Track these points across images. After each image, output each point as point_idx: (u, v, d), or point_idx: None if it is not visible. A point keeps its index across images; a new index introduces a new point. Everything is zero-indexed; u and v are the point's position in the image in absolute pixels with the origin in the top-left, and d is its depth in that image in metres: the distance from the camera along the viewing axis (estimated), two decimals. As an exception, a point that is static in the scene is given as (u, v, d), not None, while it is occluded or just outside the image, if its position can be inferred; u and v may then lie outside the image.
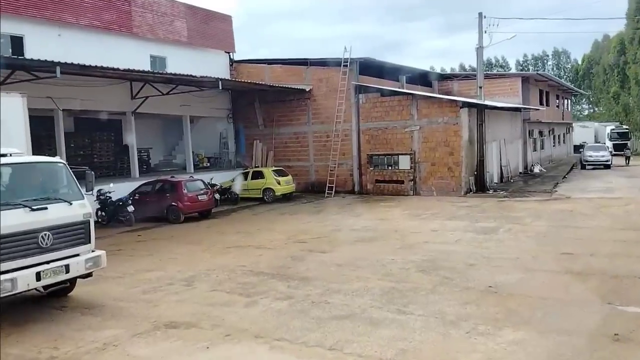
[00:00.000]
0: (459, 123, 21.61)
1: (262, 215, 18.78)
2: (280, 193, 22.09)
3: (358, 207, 19.79)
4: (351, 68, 23.84)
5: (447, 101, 22.03)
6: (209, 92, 24.69)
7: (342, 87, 23.83)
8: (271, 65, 26.16)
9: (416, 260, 10.72)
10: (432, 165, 22.31)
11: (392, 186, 23.14)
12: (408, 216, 16.91)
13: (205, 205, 17.93)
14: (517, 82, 30.83)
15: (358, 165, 24.13)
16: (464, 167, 21.68)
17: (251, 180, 22.55)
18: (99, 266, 8.77)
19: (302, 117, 25.48)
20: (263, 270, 10.47)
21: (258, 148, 26.45)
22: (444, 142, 22.00)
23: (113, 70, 16.59)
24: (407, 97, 22.91)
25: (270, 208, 20.51)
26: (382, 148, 23.44)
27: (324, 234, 14.36)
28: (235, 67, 27.03)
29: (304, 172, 25.66)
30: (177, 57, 24.13)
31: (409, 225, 15.19)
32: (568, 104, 51.79)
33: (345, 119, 24.06)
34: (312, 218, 17.47)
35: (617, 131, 51.40)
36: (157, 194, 17.93)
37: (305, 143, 25.58)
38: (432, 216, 16.63)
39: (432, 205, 19.13)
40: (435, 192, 22.18)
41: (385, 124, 23.30)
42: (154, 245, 13.96)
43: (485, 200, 19.91)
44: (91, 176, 9.30)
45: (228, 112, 27.05)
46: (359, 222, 16.13)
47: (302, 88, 24.71)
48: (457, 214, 16.91)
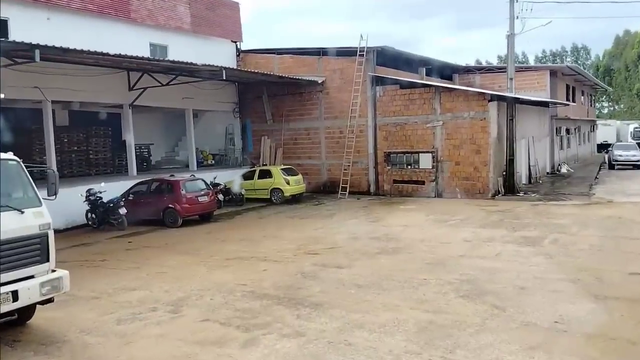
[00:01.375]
0: (487, 118, 19.60)
1: (269, 219, 16.93)
2: (289, 194, 20.23)
3: (375, 210, 17.87)
4: (367, 58, 21.89)
5: (473, 94, 20.02)
6: (213, 84, 22.90)
7: (358, 79, 21.90)
8: (281, 55, 24.27)
9: (453, 281, 8.80)
10: (456, 165, 20.32)
11: (412, 187, 21.19)
12: (433, 222, 14.97)
13: (206, 208, 16.12)
14: (544, 75, 28.68)
15: (374, 164, 22.20)
16: (492, 166, 19.67)
17: (258, 180, 20.70)
18: (59, 291, 6.97)
19: (314, 111, 23.59)
20: (267, 292, 8.61)
21: (266, 145, 24.61)
22: (469, 139, 20.00)
23: (102, 55, 14.81)
24: (429, 89, 20.93)
25: (278, 210, 18.65)
26: (401, 145, 21.49)
27: (339, 243, 12.47)
28: (243, 57, 25.18)
29: (315, 170, 23.79)
30: (180, 45, 22.31)
31: (436, 233, 13.25)
32: (592, 101, 49.40)
33: (360, 114, 22.14)
34: (324, 223, 15.59)
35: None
36: (152, 194, 16.15)
37: (316, 139, 23.69)
38: (461, 223, 14.68)
39: (458, 209, 17.16)
40: (459, 194, 20.20)
41: (405, 119, 21.34)
42: (144, 254, 12.15)
43: (517, 204, 17.89)
44: (54, 177, 7.47)
45: (234, 105, 25.22)
46: (378, 228, 14.23)
47: (314, 80, 22.82)
48: (489, 220, 14.93)
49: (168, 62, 16.83)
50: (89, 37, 17.97)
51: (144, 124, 24.77)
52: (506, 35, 19.88)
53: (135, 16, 20.86)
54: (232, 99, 25.13)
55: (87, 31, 18.77)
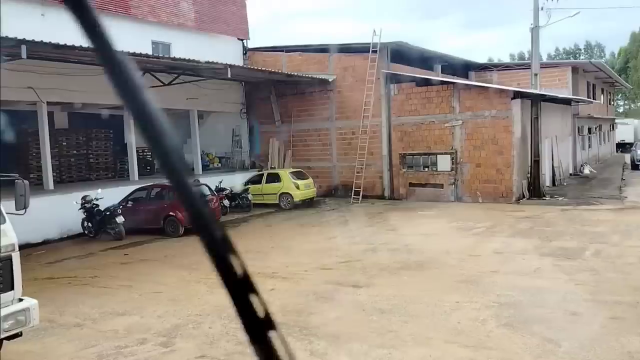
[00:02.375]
0: (510, 117, 18.30)
1: (277, 227, 15.76)
2: (299, 199, 19.05)
3: (392, 216, 16.64)
4: (381, 54, 20.66)
5: (495, 91, 18.74)
6: (219, 84, 21.80)
7: (371, 77, 20.68)
8: (289, 53, 23.11)
9: (491, 305, 7.56)
10: (477, 167, 19.03)
11: (429, 191, 19.92)
12: (457, 230, 13.71)
13: (209, 216, 14.96)
14: (566, 72, 27.27)
15: (389, 167, 20.97)
16: (516, 168, 18.36)
17: (266, 184, 19.54)
18: (26, 324, 5.82)
19: (325, 111, 22.41)
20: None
21: (274, 147, 23.46)
22: (491, 140, 18.71)
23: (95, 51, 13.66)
24: (448, 86, 19.66)
25: (287, 217, 17.47)
26: (417, 146, 20.24)
27: (355, 255, 11.26)
28: (249, 55, 24.06)
29: (326, 173, 22.59)
30: (183, 43, 21.21)
31: (462, 244, 11.99)
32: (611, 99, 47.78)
33: (373, 113, 20.91)
34: (338, 231, 14.38)
35: (660, 128, 47.36)
36: (152, 201, 15.05)
37: (327, 141, 22.51)
38: (487, 231, 13.41)
39: (482, 215, 15.89)
40: (480, 198, 18.91)
41: (421, 118, 20.09)
42: (140, 269, 11.01)
43: (545, 209, 16.58)
44: (23, 188, 6.32)
45: (241, 106, 24.10)
46: (397, 238, 13.00)
47: (325, 78, 21.64)
48: (518, 227, 13.65)
49: (169, 60, 15.74)
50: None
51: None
52: (530, 27, 18.57)
53: (136, 12, 19.81)
54: (239, 99, 24.01)
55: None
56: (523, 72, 27.78)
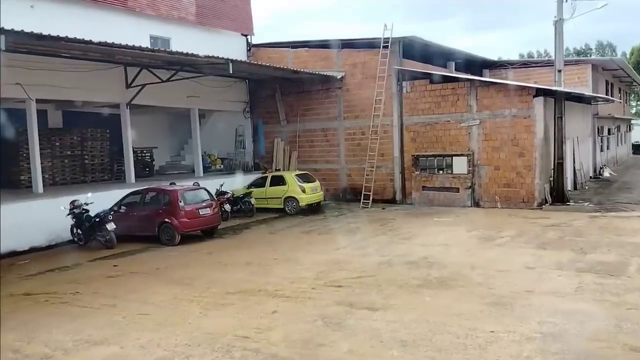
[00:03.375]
0: (532, 116, 17.05)
1: (281, 235, 14.60)
2: (305, 203, 17.87)
3: (406, 223, 15.44)
4: (392, 50, 19.47)
5: (515, 88, 17.48)
6: (221, 82, 20.71)
7: (382, 73, 19.49)
8: (295, 49, 21.95)
9: (534, 336, 6.37)
10: (496, 170, 17.79)
11: (444, 195, 18.69)
12: (479, 240, 12.49)
13: (208, 222, 13.83)
14: (586, 69, 25.96)
15: (400, 169, 19.76)
16: (538, 171, 17.11)
17: (270, 188, 18.37)
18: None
19: (332, 110, 21.23)
20: (277, 351, 6.26)
21: (279, 147, 22.32)
22: (511, 141, 17.47)
23: (84, 44, 12.61)
24: (464, 83, 18.43)
25: (292, 223, 16.30)
26: (431, 148, 19.02)
27: (368, 269, 10.08)
28: (254, 52, 22.92)
29: (333, 176, 21.42)
30: (183, 38, 20.09)
31: (487, 256, 10.78)
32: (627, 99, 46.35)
33: (384, 112, 19.73)
34: (347, 240, 13.20)
35: (677, 130, 45.89)
36: (147, 206, 13.91)
37: (335, 142, 21.33)
38: (512, 241, 12.18)
39: (503, 223, 14.67)
40: (499, 203, 17.67)
41: (436, 117, 18.88)
42: (127, 284, 9.88)
43: (571, 215, 15.31)
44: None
45: (245, 105, 22.97)
46: (413, 248, 11.80)
47: (332, 75, 20.47)
48: (546, 237, 12.41)
49: (165, 53, 14.62)
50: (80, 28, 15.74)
51: (146, 125, 22.74)
52: (553, 20, 17.32)
53: (133, 5, 18.71)
54: (242, 97, 22.89)
55: (78, 21, 16.65)
56: (541, 70, 26.59)
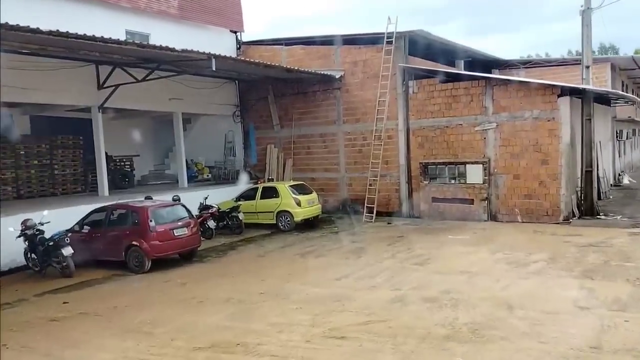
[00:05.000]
0: (557, 118, 15.04)
1: (272, 258, 12.49)
2: (300, 218, 15.79)
3: (417, 242, 13.36)
4: (397, 45, 17.46)
5: (537, 87, 15.46)
6: (208, 83, 18.74)
7: (385, 72, 17.48)
8: (290, 46, 19.96)
9: None
10: (516, 179, 15.77)
11: (457, 207, 16.64)
12: (507, 265, 10.40)
13: (185, 245, 11.72)
14: (605, 69, 24.05)
15: (407, 178, 17.71)
16: (564, 181, 15.08)
17: (261, 200, 16.28)
18: None
19: (331, 113, 19.20)
20: None
21: (273, 155, 20.27)
22: (533, 146, 15.46)
23: (33, 33, 10.56)
24: (478, 82, 16.42)
25: (285, 242, 14.20)
26: (442, 154, 16.99)
27: (377, 309, 7.99)
28: (244, 50, 20.91)
29: (332, 186, 19.38)
30: (165, 34, 17.94)
31: (522, 290, 8.70)
32: (637, 102, 44.35)
33: (388, 115, 17.71)
34: (350, 266, 11.11)
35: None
36: (113, 226, 11.78)
37: (334, 148, 19.30)
38: (548, 267, 10.10)
39: (530, 241, 12.62)
40: (519, 217, 15.63)
41: (446, 120, 16.86)
42: (70, 333, 7.77)
43: (607, 232, 13.25)
44: None
45: (234, 108, 20.95)
46: (430, 277, 9.73)
47: (331, 74, 18.46)
48: (587, 262, 10.34)
49: (135, 46, 12.54)
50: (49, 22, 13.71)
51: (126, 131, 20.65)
52: (580, 10, 15.40)
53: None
54: (232, 100, 20.88)
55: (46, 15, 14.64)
56: (555, 69, 24.66)
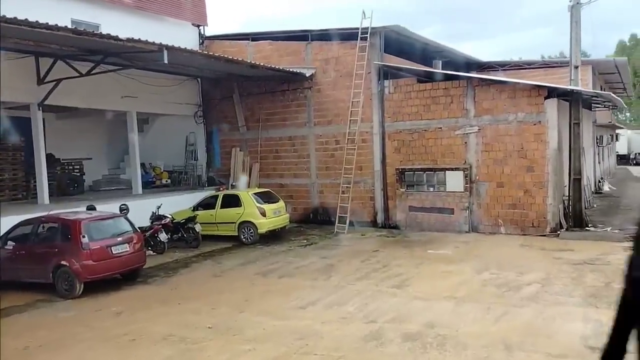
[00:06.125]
0: (544, 122, 13.93)
1: (229, 278, 10.92)
2: (265, 229, 14.25)
3: (393, 258, 11.97)
4: (372, 42, 16.16)
5: (523, 88, 14.33)
6: (167, 80, 17.11)
7: (359, 70, 16.15)
8: (257, 41, 18.47)
9: None
10: (499, 187, 14.60)
11: (436, 217, 15.38)
12: (496, 289, 9.08)
13: (125, 264, 10.07)
14: (587, 71, 23.22)
15: (382, 185, 16.39)
16: (551, 189, 13.97)
17: (221, 210, 14.68)
18: None
19: (301, 114, 17.77)
20: None
21: (238, 159, 18.70)
22: (517, 152, 14.31)
23: None
24: (459, 82, 15.22)
25: (247, 258, 12.65)
26: (420, 160, 15.73)
27: (348, 350, 6.55)
28: (207, 45, 19.29)
29: (302, 193, 17.93)
30: (118, 26, 16.08)
31: (519, 322, 7.37)
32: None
33: (363, 117, 16.38)
34: (317, 290, 9.63)
35: (656, 140, 44.16)
36: (40, 242, 10.08)
37: (304, 152, 17.86)
38: (543, 291, 8.81)
39: (518, 257, 11.38)
40: (503, 228, 14.46)
41: (425, 123, 15.60)
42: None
43: (600, 246, 12.12)
44: None
45: (196, 108, 19.33)
46: (410, 304, 8.33)
47: (301, 72, 17.03)
48: (585, 283, 9.11)
49: (68, 32, 10.84)
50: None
51: (77, 132, 18.91)
52: (569, 5, 14.37)
53: (49, -19, 14.91)
54: (194, 99, 19.25)
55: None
56: (535, 72, 23.73)
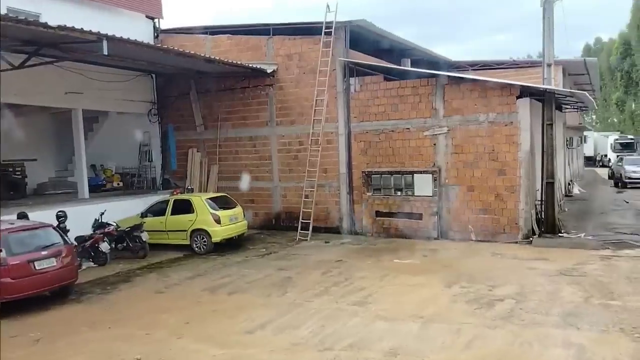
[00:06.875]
0: (516, 122, 13.22)
1: (173, 296, 9.77)
2: (220, 238, 13.10)
3: (357, 269, 11.03)
4: (337, 37, 15.24)
5: (494, 87, 13.59)
6: (118, 75, 15.77)
7: (324, 67, 15.21)
8: (215, 35, 17.33)
9: None
10: (469, 191, 13.84)
11: (404, 223, 14.53)
12: (467, 305, 8.22)
13: (52, 281, 8.83)
14: (558, 71, 22.75)
15: (348, 189, 15.46)
16: (523, 194, 13.27)
17: (172, 217, 13.48)
18: None
19: (262, 113, 16.70)
20: None
21: (195, 160, 17.53)
22: (488, 154, 13.58)
23: None
24: (428, 81, 14.41)
25: (197, 271, 11.50)
26: (387, 162, 14.87)
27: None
28: (162, 39, 18.01)
29: (264, 197, 16.86)
30: (62, 17, 14.70)
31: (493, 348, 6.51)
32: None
33: (328, 117, 15.44)
34: (269, 309, 8.59)
35: (621, 141, 44.75)
36: (-49, 257, 8.79)
37: (266, 153, 16.80)
38: (518, 308, 7.99)
39: (490, 268, 10.59)
40: (474, 235, 13.71)
41: (392, 124, 14.75)
42: None
43: (575, 255, 11.43)
44: None
45: (150, 106, 18.02)
46: (371, 325, 7.39)
47: (262, 68, 15.97)
48: (563, 299, 8.34)
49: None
50: None
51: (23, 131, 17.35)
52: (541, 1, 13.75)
53: (-21, -36, 13.47)
54: (148, 96, 17.93)
55: None
56: (506, 72, 23.14)
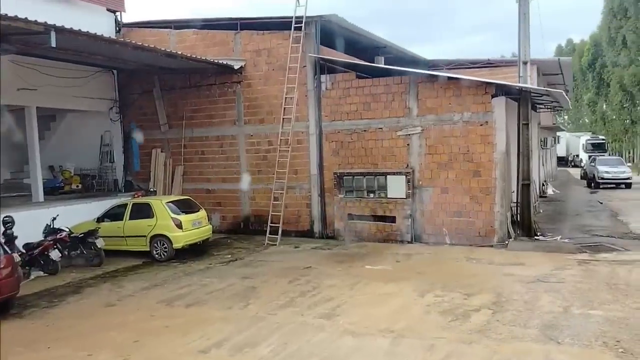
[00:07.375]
0: (491, 122, 12.80)
1: (124, 309, 8.99)
2: (182, 244, 12.32)
3: (326, 276, 10.41)
4: (307, 32, 14.62)
5: (469, 85, 13.15)
6: (76, 71, 14.96)
7: (293, 63, 14.56)
8: (180, 30, 16.52)
9: None
10: (444, 193, 13.38)
11: (377, 226, 13.99)
12: (441, 317, 7.68)
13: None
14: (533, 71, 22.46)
15: (319, 191, 14.86)
16: (499, 196, 12.85)
17: (130, 221, 12.64)
18: None
19: (230, 111, 15.97)
20: None
21: (159, 161, 16.72)
22: (463, 155, 13.13)
23: None
24: (401, 78, 13.90)
25: (154, 280, 10.73)
26: (359, 163, 14.31)
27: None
28: (125, 33, 17.12)
29: (232, 199, 16.14)
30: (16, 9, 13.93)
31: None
32: (551, 110, 44.86)
33: (298, 116, 14.81)
34: (228, 324, 7.91)
35: (593, 142, 45.35)
36: None
37: (234, 154, 16.08)
38: (494, 319, 7.48)
39: (464, 275, 10.10)
40: (448, 238, 13.25)
41: (364, 123, 14.20)
42: None
43: (553, 259, 11.03)
44: None
45: (112, 103, 17.13)
46: (337, 341, 6.79)
47: (228, 64, 15.24)
48: (542, 309, 7.86)
49: None
50: None
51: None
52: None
53: None
54: (109, 94, 17.04)
55: None
56: (481, 72, 22.86)
